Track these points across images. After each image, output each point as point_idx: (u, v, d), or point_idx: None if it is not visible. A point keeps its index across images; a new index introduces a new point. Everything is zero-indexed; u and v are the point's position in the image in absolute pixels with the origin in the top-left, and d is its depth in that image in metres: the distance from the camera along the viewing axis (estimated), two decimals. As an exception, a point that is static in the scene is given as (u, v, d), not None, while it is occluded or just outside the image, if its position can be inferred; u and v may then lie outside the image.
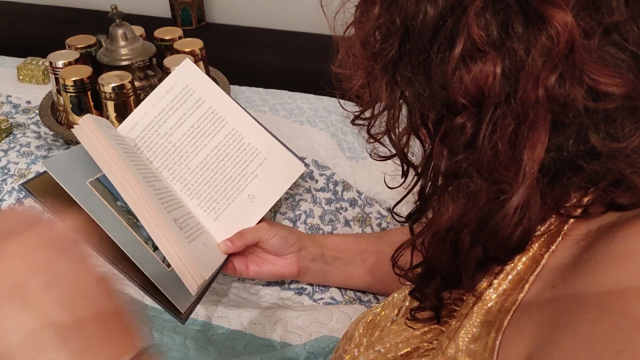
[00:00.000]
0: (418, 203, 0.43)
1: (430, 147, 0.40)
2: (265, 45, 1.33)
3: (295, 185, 0.84)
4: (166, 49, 0.97)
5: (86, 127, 0.59)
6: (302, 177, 0.86)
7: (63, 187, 0.56)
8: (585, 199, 0.36)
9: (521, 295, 0.37)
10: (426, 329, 0.46)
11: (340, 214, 0.85)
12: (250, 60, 1.28)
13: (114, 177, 0.57)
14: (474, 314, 0.40)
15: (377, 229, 0.86)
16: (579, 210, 0.37)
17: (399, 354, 0.46)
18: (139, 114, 0.69)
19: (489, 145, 0.34)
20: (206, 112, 0.70)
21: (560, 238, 0.37)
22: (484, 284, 0.40)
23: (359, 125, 0.47)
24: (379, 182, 0.90)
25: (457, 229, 0.38)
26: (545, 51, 0.31)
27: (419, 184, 0.42)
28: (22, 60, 1.10)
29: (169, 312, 0.57)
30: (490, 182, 0.35)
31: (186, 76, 0.70)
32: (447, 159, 0.36)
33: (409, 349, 0.46)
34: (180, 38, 0.99)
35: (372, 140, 0.46)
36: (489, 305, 0.39)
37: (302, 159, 0.73)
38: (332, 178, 0.87)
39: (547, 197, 0.36)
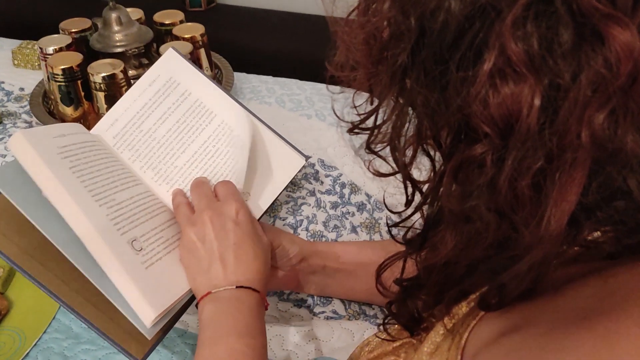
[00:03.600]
0: (421, 231, 0.38)
1: (441, 169, 0.33)
2: (277, 29, 1.26)
3: (298, 187, 0.78)
4: (166, 34, 0.91)
5: (17, 146, 0.53)
6: (305, 178, 0.79)
7: (12, 201, 0.51)
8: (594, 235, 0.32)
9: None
10: (398, 343, 0.44)
11: (347, 219, 0.78)
12: (260, 45, 1.21)
13: (51, 199, 0.51)
14: (440, 327, 0.39)
15: (387, 236, 0.79)
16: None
17: None
18: (118, 110, 0.63)
19: (510, 186, 0.26)
20: (193, 104, 0.64)
21: None
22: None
23: (357, 134, 0.40)
24: (390, 184, 0.82)
25: (454, 264, 0.34)
26: (598, 79, 0.23)
27: (425, 210, 0.37)
28: (19, 42, 1.05)
29: (123, 352, 0.52)
30: (505, 226, 0.28)
31: (170, 67, 0.64)
32: (459, 201, 0.29)
33: None
34: (181, 22, 0.92)
35: (369, 152, 0.39)
36: (455, 318, 0.38)
37: (301, 152, 0.66)
38: (339, 179, 0.80)
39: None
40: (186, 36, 0.87)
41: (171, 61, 0.64)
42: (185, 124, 0.63)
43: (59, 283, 0.52)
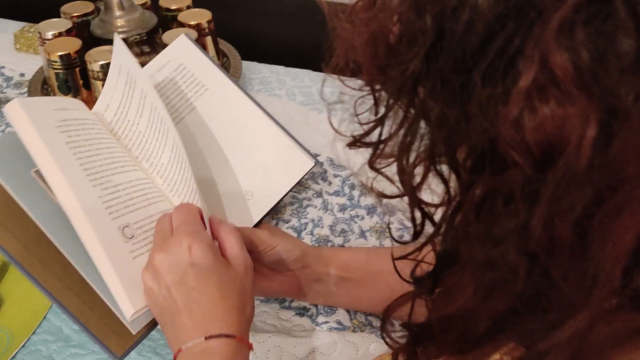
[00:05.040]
0: (433, 269, 0.32)
1: (457, 197, 0.28)
2: (292, 17, 1.20)
3: (304, 188, 0.73)
4: (172, 20, 0.86)
5: (13, 114, 0.49)
6: (312, 178, 0.74)
7: None
8: None
9: None
10: None
11: (355, 222, 0.73)
12: (273, 33, 1.16)
13: (43, 172, 0.48)
14: None
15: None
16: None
17: None
18: (108, 93, 0.59)
19: (545, 229, 0.21)
20: (151, 108, 0.58)
21: None
22: None
23: (359, 147, 0.36)
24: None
25: (474, 317, 0.28)
26: None
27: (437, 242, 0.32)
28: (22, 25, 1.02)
29: (102, 347, 0.48)
30: (537, 274, 0.23)
31: (121, 58, 0.59)
32: (481, 245, 0.24)
33: None
34: (188, 7, 0.88)
35: (372, 170, 0.35)
36: None
37: (310, 153, 0.62)
38: (349, 180, 0.76)
39: None
40: (192, 23, 0.82)
41: (121, 52, 0.58)
42: (154, 123, 0.57)
43: (41, 268, 0.49)
